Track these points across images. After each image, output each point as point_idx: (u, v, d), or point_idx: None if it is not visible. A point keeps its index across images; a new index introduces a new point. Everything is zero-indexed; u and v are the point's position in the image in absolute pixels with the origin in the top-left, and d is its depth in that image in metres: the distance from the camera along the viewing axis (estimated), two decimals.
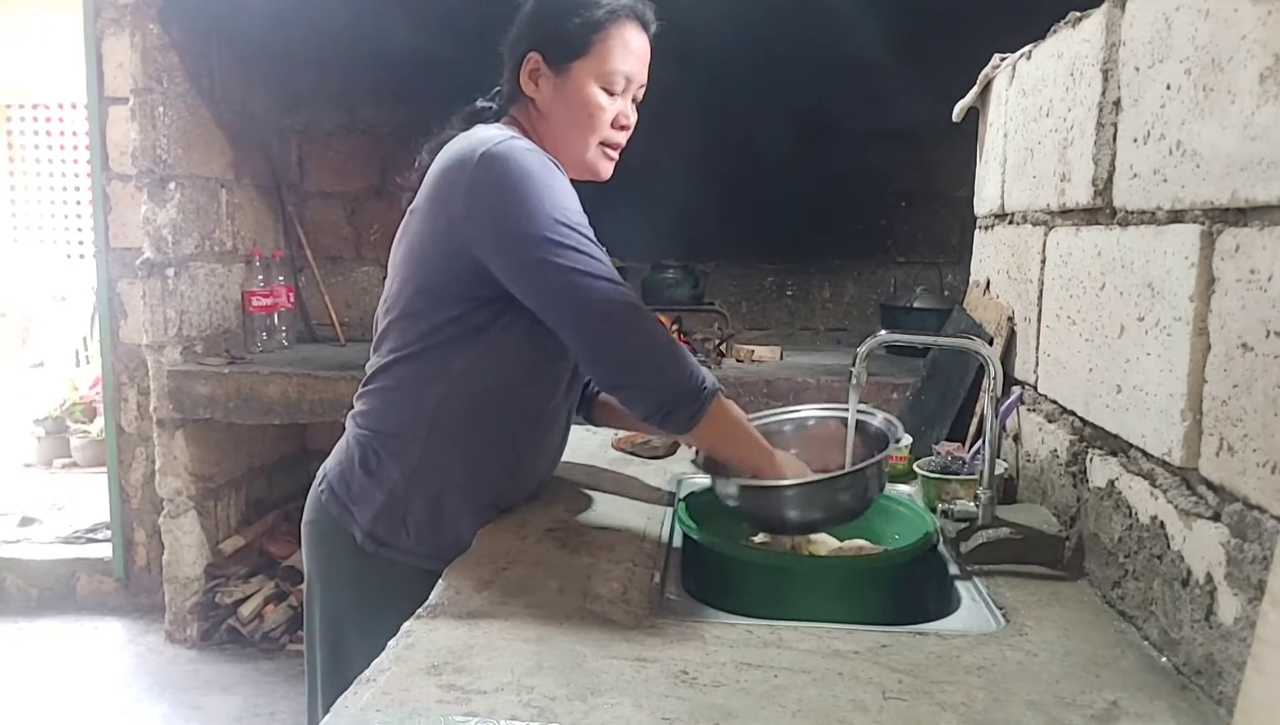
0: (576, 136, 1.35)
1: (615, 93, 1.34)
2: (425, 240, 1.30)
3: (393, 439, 1.34)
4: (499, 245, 1.23)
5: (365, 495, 1.34)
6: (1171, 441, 0.95)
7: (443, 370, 1.31)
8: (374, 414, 1.37)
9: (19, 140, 5.99)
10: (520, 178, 1.22)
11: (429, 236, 1.29)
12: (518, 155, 1.23)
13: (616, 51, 1.32)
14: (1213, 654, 0.86)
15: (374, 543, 1.33)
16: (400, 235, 1.37)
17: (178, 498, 3.05)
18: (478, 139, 1.27)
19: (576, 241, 1.21)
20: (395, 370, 1.35)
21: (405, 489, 1.33)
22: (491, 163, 1.23)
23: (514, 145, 1.25)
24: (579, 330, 1.23)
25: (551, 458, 1.49)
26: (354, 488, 1.35)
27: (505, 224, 1.22)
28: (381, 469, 1.34)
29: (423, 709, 0.83)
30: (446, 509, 1.33)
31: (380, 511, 1.33)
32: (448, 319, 1.29)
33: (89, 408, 4.90)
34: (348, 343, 3.47)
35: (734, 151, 3.35)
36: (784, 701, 0.85)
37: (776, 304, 3.64)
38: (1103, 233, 1.14)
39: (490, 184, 1.23)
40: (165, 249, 2.95)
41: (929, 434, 1.65)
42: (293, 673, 2.94)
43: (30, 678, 2.98)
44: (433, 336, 1.30)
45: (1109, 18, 1.15)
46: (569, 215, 1.23)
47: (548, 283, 1.22)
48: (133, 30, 2.92)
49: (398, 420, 1.34)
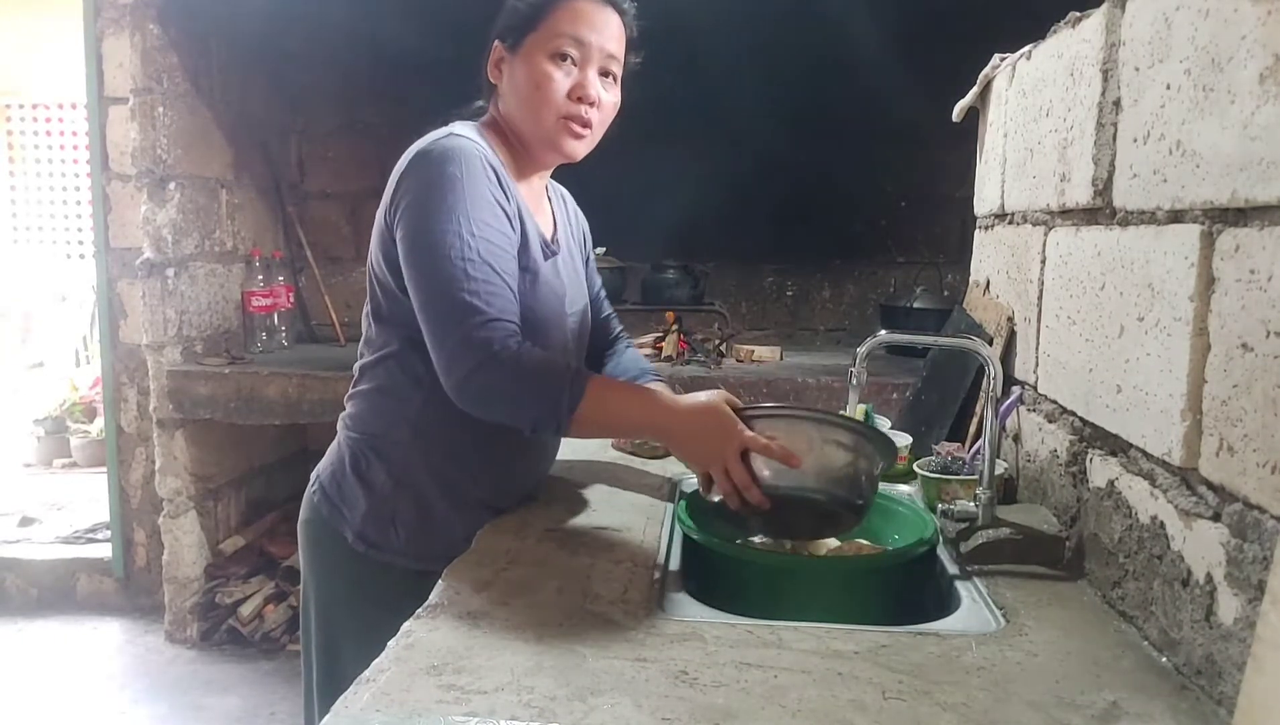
0: (531, 113, 1.32)
1: (565, 61, 1.30)
2: (382, 238, 1.32)
3: (379, 440, 1.35)
4: (404, 245, 1.25)
5: (354, 496, 1.35)
6: (1171, 441, 0.95)
7: (423, 371, 1.30)
8: (361, 416, 1.38)
9: (19, 140, 5.99)
10: (438, 179, 1.22)
11: (383, 234, 1.31)
12: (444, 156, 1.24)
13: (564, 20, 1.30)
14: (1213, 654, 0.86)
15: (364, 543, 1.34)
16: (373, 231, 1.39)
17: (178, 498, 3.05)
18: (425, 138, 1.29)
19: (467, 260, 1.20)
20: (377, 371, 1.36)
21: (393, 490, 1.34)
22: (418, 162, 1.25)
23: (446, 144, 1.25)
24: (442, 354, 1.22)
25: (545, 456, 1.49)
26: (344, 489, 1.36)
27: (412, 226, 1.24)
28: (370, 471, 1.35)
29: (423, 709, 0.83)
30: (435, 510, 1.34)
31: (369, 512, 1.34)
32: (409, 322, 1.28)
33: (89, 408, 4.90)
34: (348, 343, 3.47)
35: (734, 151, 3.34)
36: (784, 702, 0.85)
37: (776, 304, 3.64)
38: (1103, 233, 1.14)
39: (411, 184, 1.25)
40: (165, 249, 2.96)
41: (929, 434, 1.65)
42: (292, 673, 2.93)
43: (30, 678, 2.98)
44: (409, 336, 1.30)
45: (1109, 18, 1.15)
46: (473, 228, 1.22)
47: (427, 296, 1.23)
48: (133, 30, 2.92)
49: (382, 422, 1.35)
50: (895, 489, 1.49)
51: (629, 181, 3.10)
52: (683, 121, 3.28)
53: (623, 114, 1.42)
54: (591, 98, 1.32)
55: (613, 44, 1.33)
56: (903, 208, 3.54)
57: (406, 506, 1.34)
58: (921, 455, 1.49)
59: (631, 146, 1.40)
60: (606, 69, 1.34)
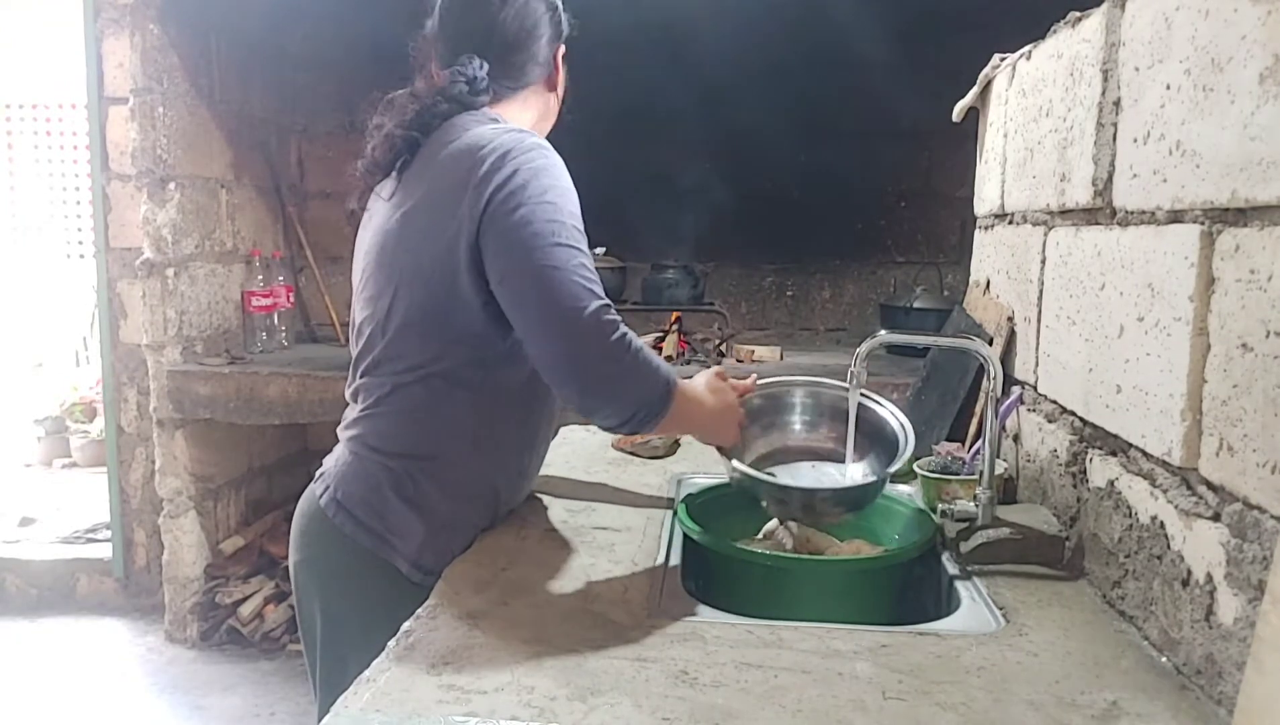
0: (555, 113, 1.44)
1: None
2: (449, 245, 1.20)
3: (431, 463, 1.27)
4: (508, 241, 1.17)
5: (407, 525, 1.26)
6: (1171, 441, 0.95)
7: (479, 380, 1.26)
8: (399, 437, 1.28)
9: (19, 140, 5.99)
10: (546, 178, 1.21)
11: (453, 240, 1.20)
12: (543, 156, 1.22)
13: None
14: (1213, 654, 0.86)
15: (421, 572, 1.25)
16: (375, 231, 1.30)
17: (178, 498, 3.05)
18: (490, 134, 1.23)
19: (583, 253, 1.20)
20: (414, 389, 1.26)
21: (452, 510, 1.27)
22: (518, 161, 1.19)
23: (535, 142, 1.24)
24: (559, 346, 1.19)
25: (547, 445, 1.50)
26: (390, 518, 1.26)
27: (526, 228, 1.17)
28: (422, 495, 1.26)
29: (423, 709, 0.83)
30: (494, 520, 1.33)
31: (427, 540, 1.26)
32: (492, 330, 1.23)
33: (89, 408, 4.89)
34: (348, 343, 3.47)
35: (734, 151, 3.34)
36: (784, 701, 0.85)
37: (776, 304, 3.64)
38: (1103, 233, 1.14)
39: (512, 178, 1.18)
40: (165, 249, 2.95)
41: (929, 434, 1.65)
42: (293, 673, 2.94)
43: (30, 678, 2.98)
44: (466, 348, 1.24)
45: (1109, 18, 1.15)
46: (578, 221, 1.23)
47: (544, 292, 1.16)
48: (133, 30, 2.92)
49: (432, 443, 1.27)
50: (895, 489, 1.49)
51: (628, 181, 3.10)
52: (682, 121, 3.28)
53: (624, 114, 1.43)
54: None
55: None
56: (903, 208, 3.54)
57: (465, 524, 1.29)
58: (921, 455, 1.49)
59: (631, 146, 1.41)
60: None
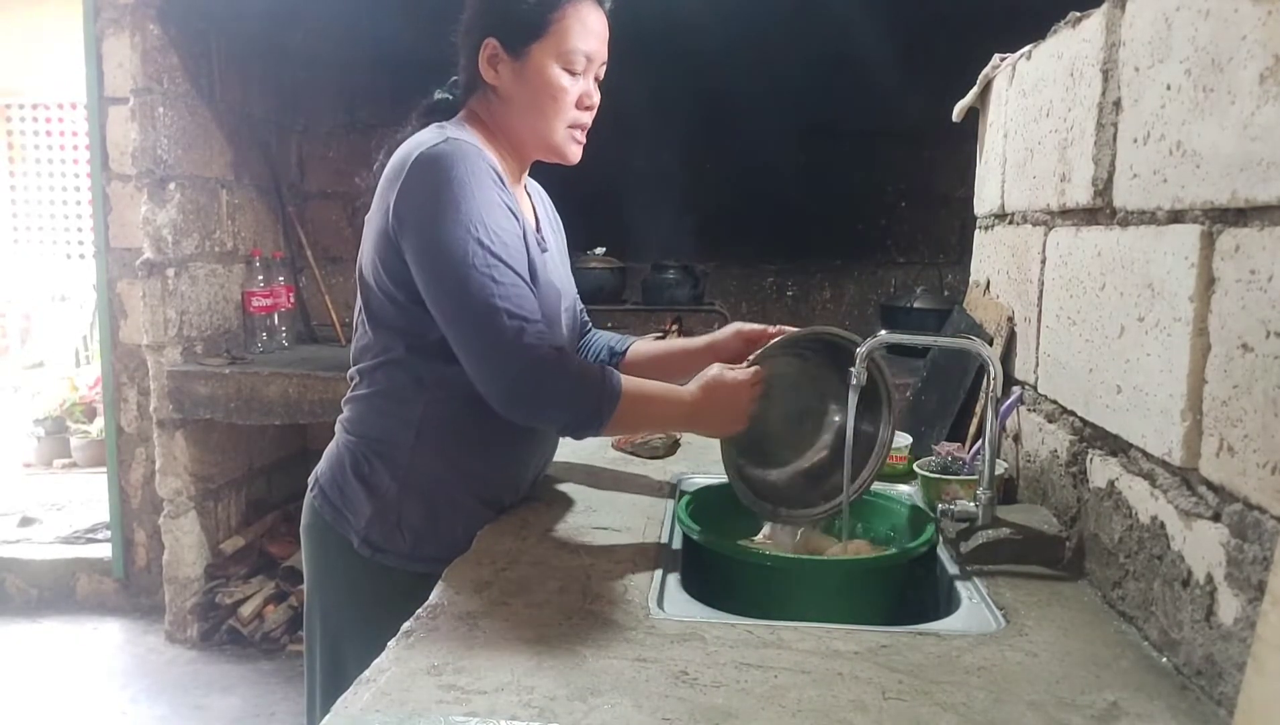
0: (542, 121, 1.32)
1: (577, 73, 1.31)
2: (379, 245, 1.29)
3: (381, 444, 1.34)
4: (417, 255, 1.23)
5: (358, 500, 1.34)
6: (1171, 442, 0.95)
7: (425, 374, 1.31)
8: (361, 419, 1.37)
9: (19, 140, 5.99)
10: (445, 186, 1.21)
11: (381, 241, 1.28)
12: (449, 162, 1.22)
13: (575, 30, 1.29)
14: (1213, 654, 0.86)
15: (370, 548, 1.33)
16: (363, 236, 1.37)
17: (178, 498, 3.05)
18: (417, 141, 1.27)
19: (490, 265, 1.20)
20: (376, 375, 1.35)
21: (398, 493, 1.33)
22: (422, 167, 1.23)
23: (448, 148, 1.23)
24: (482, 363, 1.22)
25: (544, 450, 1.49)
26: (347, 493, 1.35)
27: (425, 234, 1.22)
28: (374, 475, 1.34)
29: (423, 709, 0.83)
30: (440, 512, 1.34)
31: (374, 516, 1.33)
32: (420, 324, 1.28)
33: (89, 408, 4.89)
34: (348, 343, 3.46)
35: (734, 152, 3.34)
36: (784, 702, 0.85)
37: (776, 304, 3.64)
38: (1103, 233, 1.14)
39: (417, 190, 1.23)
40: (165, 249, 2.95)
41: (929, 434, 1.65)
42: (293, 673, 2.94)
43: (30, 678, 2.98)
44: (410, 341, 1.30)
45: (1109, 18, 1.15)
46: (490, 234, 1.21)
47: (457, 305, 1.21)
48: (133, 30, 2.92)
49: (384, 425, 1.35)
50: (895, 489, 1.49)
51: (629, 181, 3.10)
52: (683, 121, 3.28)
53: (623, 114, 1.42)
54: (594, 104, 1.35)
55: (605, 49, 1.35)
56: (903, 208, 3.54)
57: (411, 509, 1.33)
58: (921, 455, 1.49)
59: (631, 146, 1.40)
60: (599, 74, 1.37)
